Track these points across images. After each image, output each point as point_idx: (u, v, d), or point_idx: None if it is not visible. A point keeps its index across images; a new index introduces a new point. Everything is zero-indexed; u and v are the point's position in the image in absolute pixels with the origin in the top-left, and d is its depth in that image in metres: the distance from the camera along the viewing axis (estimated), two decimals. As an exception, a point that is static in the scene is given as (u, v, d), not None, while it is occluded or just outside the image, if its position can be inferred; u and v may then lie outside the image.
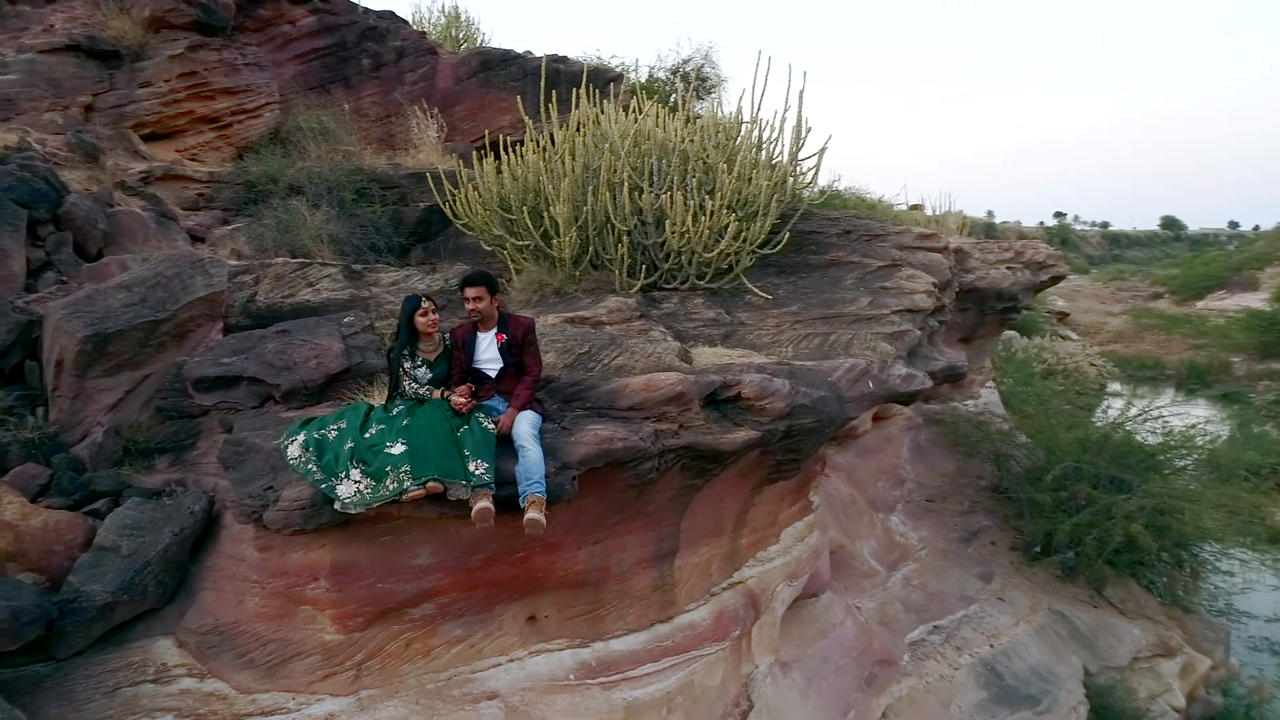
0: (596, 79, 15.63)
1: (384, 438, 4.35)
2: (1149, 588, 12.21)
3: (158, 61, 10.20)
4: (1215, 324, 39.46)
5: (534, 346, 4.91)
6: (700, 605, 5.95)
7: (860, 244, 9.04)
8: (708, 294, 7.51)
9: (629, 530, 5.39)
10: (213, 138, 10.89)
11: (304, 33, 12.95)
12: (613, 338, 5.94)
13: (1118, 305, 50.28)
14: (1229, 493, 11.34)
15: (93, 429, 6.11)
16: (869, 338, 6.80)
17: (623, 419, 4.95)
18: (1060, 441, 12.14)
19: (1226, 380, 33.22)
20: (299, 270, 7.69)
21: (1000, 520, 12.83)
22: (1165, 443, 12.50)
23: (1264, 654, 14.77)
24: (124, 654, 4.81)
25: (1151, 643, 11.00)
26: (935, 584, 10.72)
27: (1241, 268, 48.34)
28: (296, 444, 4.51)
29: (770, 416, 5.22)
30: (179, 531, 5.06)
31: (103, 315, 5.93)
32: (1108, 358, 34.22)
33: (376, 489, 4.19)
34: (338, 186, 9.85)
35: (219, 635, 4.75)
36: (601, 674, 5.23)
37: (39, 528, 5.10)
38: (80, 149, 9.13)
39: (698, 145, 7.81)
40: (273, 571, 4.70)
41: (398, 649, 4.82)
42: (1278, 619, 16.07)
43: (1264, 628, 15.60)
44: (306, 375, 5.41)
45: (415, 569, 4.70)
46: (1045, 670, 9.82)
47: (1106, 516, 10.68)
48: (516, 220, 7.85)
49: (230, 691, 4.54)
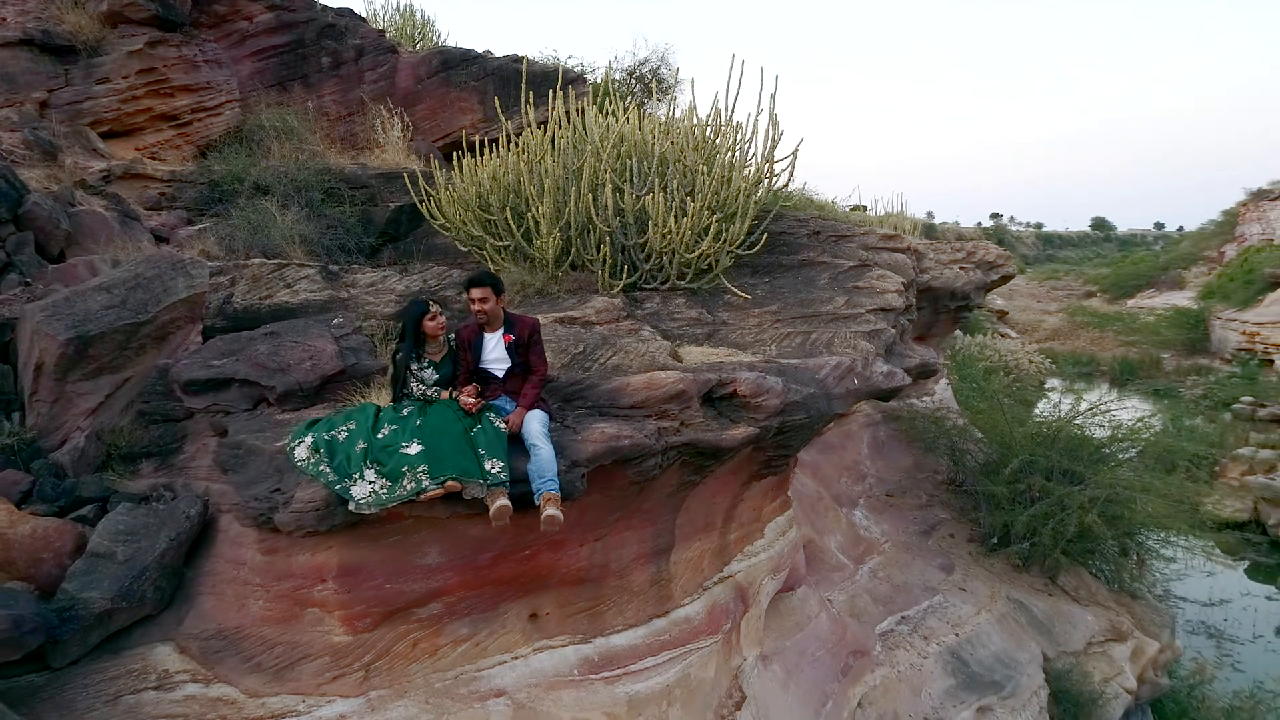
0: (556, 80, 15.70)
1: (398, 438, 4.37)
2: (1098, 575, 12.70)
3: (115, 57, 9.95)
4: (1145, 322, 41.08)
5: (540, 346, 4.97)
6: (694, 600, 6.06)
7: (829, 244, 9.24)
8: (688, 294, 7.62)
9: (628, 527, 5.47)
10: (172, 136, 10.65)
11: (261, 29, 12.72)
12: (605, 337, 6.02)
13: (1053, 304, 51.92)
14: (1174, 482, 11.86)
15: (72, 434, 5.97)
16: (848, 336, 6.98)
17: (625, 417, 5.04)
18: (1015, 436, 12.55)
19: (1157, 375, 34.58)
20: (276, 271, 7.60)
21: (957, 513, 13.21)
22: (1113, 436, 13.01)
23: (1200, 637, 15.48)
24: (122, 661, 4.73)
25: (1104, 628, 11.45)
26: (900, 576, 11.00)
27: (1169, 267, 50.43)
28: (304, 445, 4.50)
29: (766, 413, 5.35)
30: (175, 536, 4.98)
31: (83, 318, 5.80)
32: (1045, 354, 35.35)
33: (393, 489, 4.20)
34: (306, 186, 9.72)
35: (223, 640, 4.70)
36: (604, 669, 5.31)
37: (27, 535, 4.98)
38: (38, 146, 8.89)
39: (677, 147, 7.91)
40: (278, 574, 4.67)
41: (405, 649, 4.83)
42: (1212, 603, 16.87)
43: (1199, 611, 16.35)
44: (301, 377, 5.37)
45: (424, 569, 4.71)
46: (1007, 657, 10.16)
47: (1061, 507, 11.09)
48: (497, 221, 7.86)
49: (239, 696, 4.50)
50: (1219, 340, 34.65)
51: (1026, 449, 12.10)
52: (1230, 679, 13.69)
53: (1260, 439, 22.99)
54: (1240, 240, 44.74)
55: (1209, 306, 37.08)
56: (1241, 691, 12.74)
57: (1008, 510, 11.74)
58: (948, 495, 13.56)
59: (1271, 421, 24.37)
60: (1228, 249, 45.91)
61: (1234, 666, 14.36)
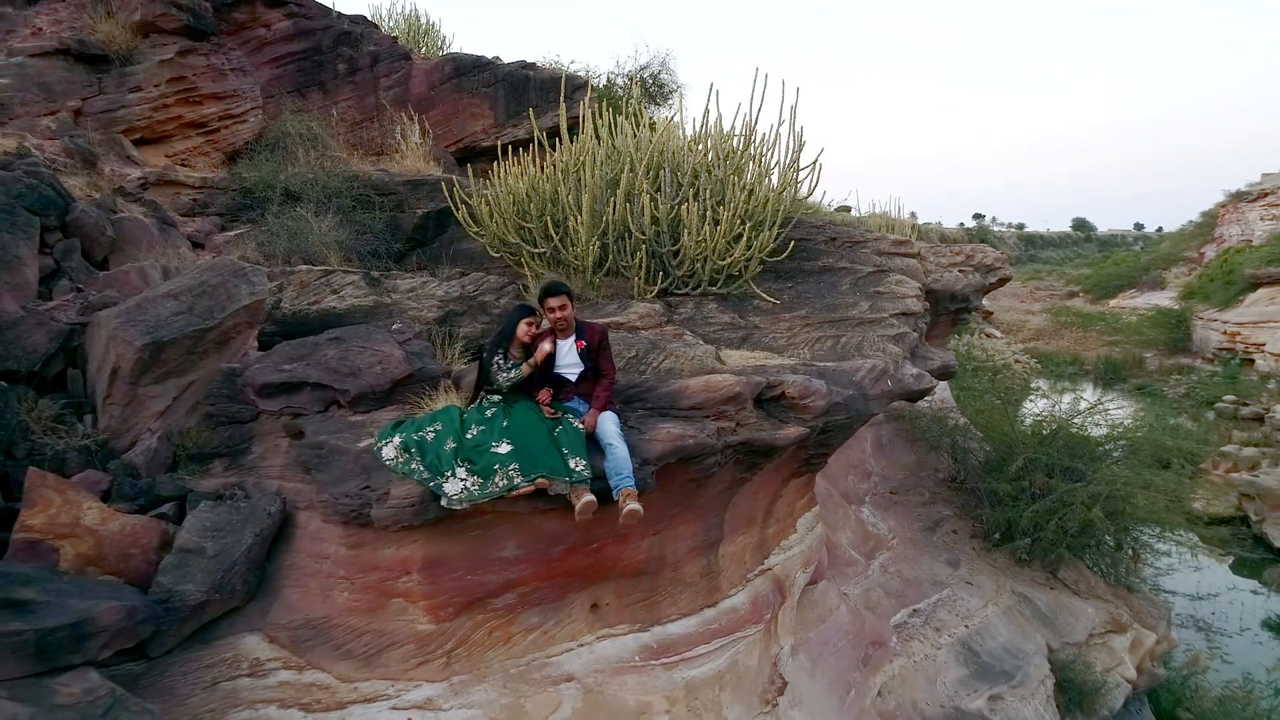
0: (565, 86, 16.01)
1: (487, 438, 4.67)
2: (1096, 570, 13.14)
3: (147, 66, 10.16)
4: (1128, 321, 41.83)
5: (609, 351, 5.28)
6: (739, 591, 6.39)
7: (845, 250, 9.59)
8: (719, 299, 7.95)
9: (683, 521, 5.79)
10: (200, 143, 10.88)
11: (279, 36, 12.97)
12: (654, 342, 6.33)
13: (1036, 304, 52.67)
14: (1171, 478, 12.31)
15: (143, 435, 6.21)
16: (876, 340, 7.33)
17: (685, 418, 5.36)
18: (1017, 435, 12.97)
19: (1140, 375, 35.24)
20: (323, 278, 7.86)
21: (959, 510, 13.60)
22: (1110, 434, 13.46)
23: (1189, 630, 15.99)
24: (214, 651, 5.00)
25: (1104, 620, 11.87)
26: (909, 571, 11.37)
27: (1149, 268, 51.32)
28: (391, 445, 4.79)
29: (813, 414, 5.68)
30: (259, 532, 5.25)
31: (155, 324, 6.05)
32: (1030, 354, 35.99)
33: (484, 485, 4.50)
34: (336, 193, 9.97)
35: (312, 629, 4.97)
36: (662, 655, 5.63)
37: (116, 532, 5.23)
38: (78, 154, 9.09)
39: (708, 159, 8.24)
40: (363, 567, 4.95)
41: (482, 637, 5.12)
42: (1200, 597, 17.40)
43: (1188, 605, 16.86)
44: (373, 380, 5.65)
45: (502, 561, 5.01)
46: (1014, 648, 10.55)
47: (1064, 504, 11.50)
48: (534, 228, 8.15)
49: (332, 681, 4.78)
50: (1200, 340, 35.41)
51: (1029, 447, 12.50)
52: (1220, 670, 14.19)
53: (1243, 437, 23.64)
54: (1219, 241, 45.65)
55: (1190, 306, 37.87)
56: (1232, 682, 13.23)
57: (1011, 507, 12.13)
58: (949, 493, 13.94)
59: (1253, 419, 25.02)
60: (1207, 250, 46.82)
61: (1223, 658, 14.87)
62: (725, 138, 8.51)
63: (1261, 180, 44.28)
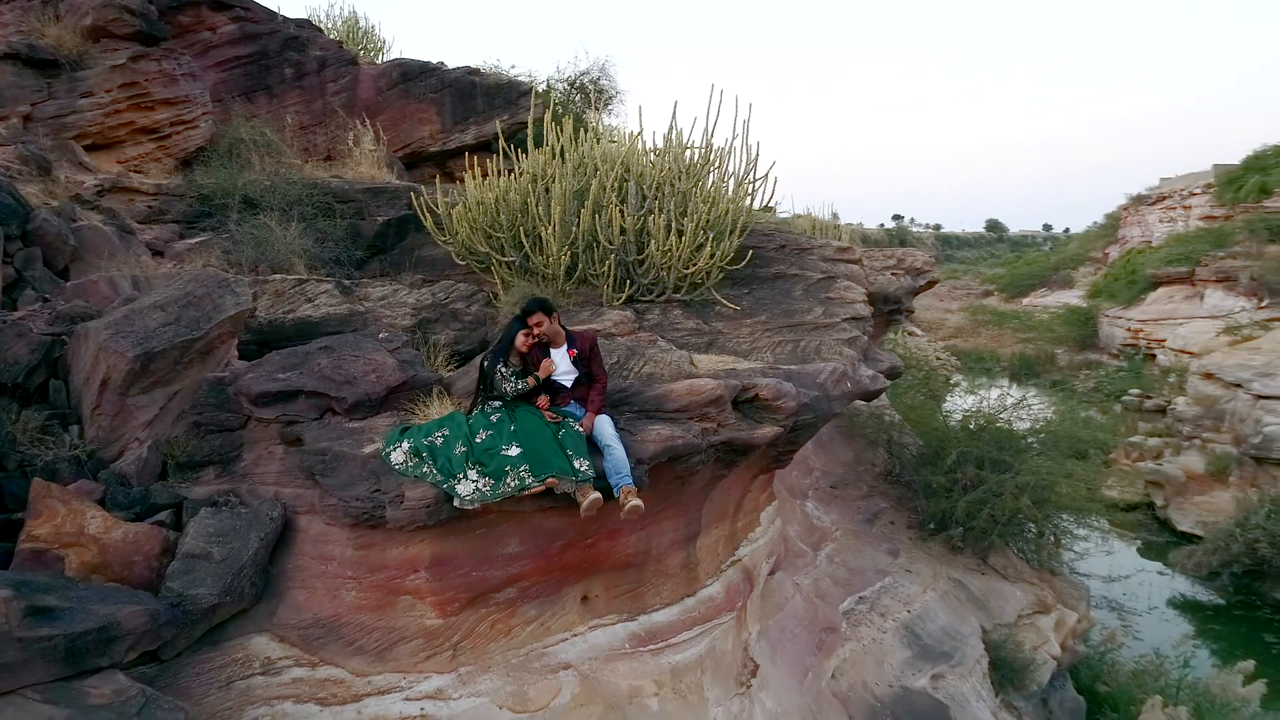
0: (510, 92, 16.24)
1: (497, 442, 4.97)
2: (1022, 555, 14.00)
3: (99, 71, 10.06)
4: (1040, 319, 43.73)
5: (600, 357, 5.63)
6: (715, 581, 6.80)
7: (794, 257, 10.10)
8: (683, 305, 8.34)
9: (667, 517, 6.17)
10: (153, 149, 10.80)
11: (224, 40, 12.92)
12: (631, 348, 6.69)
13: (954, 303, 54.53)
14: (1090, 468, 13.22)
15: (130, 445, 6.30)
16: (833, 343, 7.83)
17: (671, 420, 5.74)
18: (949, 430, 13.74)
19: (1053, 370, 36.94)
20: (297, 287, 7.99)
21: (895, 502, 14.31)
22: (1034, 427, 14.35)
23: (1103, 610, 17.07)
24: (224, 652, 5.17)
25: (1031, 602, 12.70)
26: (854, 561, 11.97)
27: (1059, 267, 53.61)
28: (400, 450, 5.05)
29: (785, 414, 6.13)
30: (264, 537, 5.44)
31: (145, 335, 6.15)
32: (950, 352, 37.43)
33: (496, 486, 4.80)
34: (298, 201, 10.03)
35: (322, 628, 5.20)
36: (650, 642, 6.01)
37: (119, 540, 5.35)
38: (33, 161, 8.99)
39: (670, 172, 8.63)
40: (371, 567, 5.20)
41: (485, 629, 5.42)
42: (1112, 579, 18.55)
43: (1101, 587, 17.98)
44: (369, 388, 5.87)
45: (504, 557, 5.32)
46: (952, 630, 11.24)
47: (995, 494, 12.27)
48: (505, 238, 8.42)
49: (346, 675, 5.02)
50: (1107, 336, 37.26)
51: (960, 442, 13.26)
52: (1131, 647, 15.22)
53: (1148, 428, 25.15)
54: (1123, 242, 48.01)
55: (1097, 305, 39.78)
56: (1144, 656, 14.22)
57: (945, 498, 12.85)
58: (885, 486, 14.64)
59: (1157, 412, 26.58)
60: (1111, 250, 49.16)
61: (1134, 636, 15.94)
62: (685, 150, 8.91)
63: (1160, 184, 46.80)
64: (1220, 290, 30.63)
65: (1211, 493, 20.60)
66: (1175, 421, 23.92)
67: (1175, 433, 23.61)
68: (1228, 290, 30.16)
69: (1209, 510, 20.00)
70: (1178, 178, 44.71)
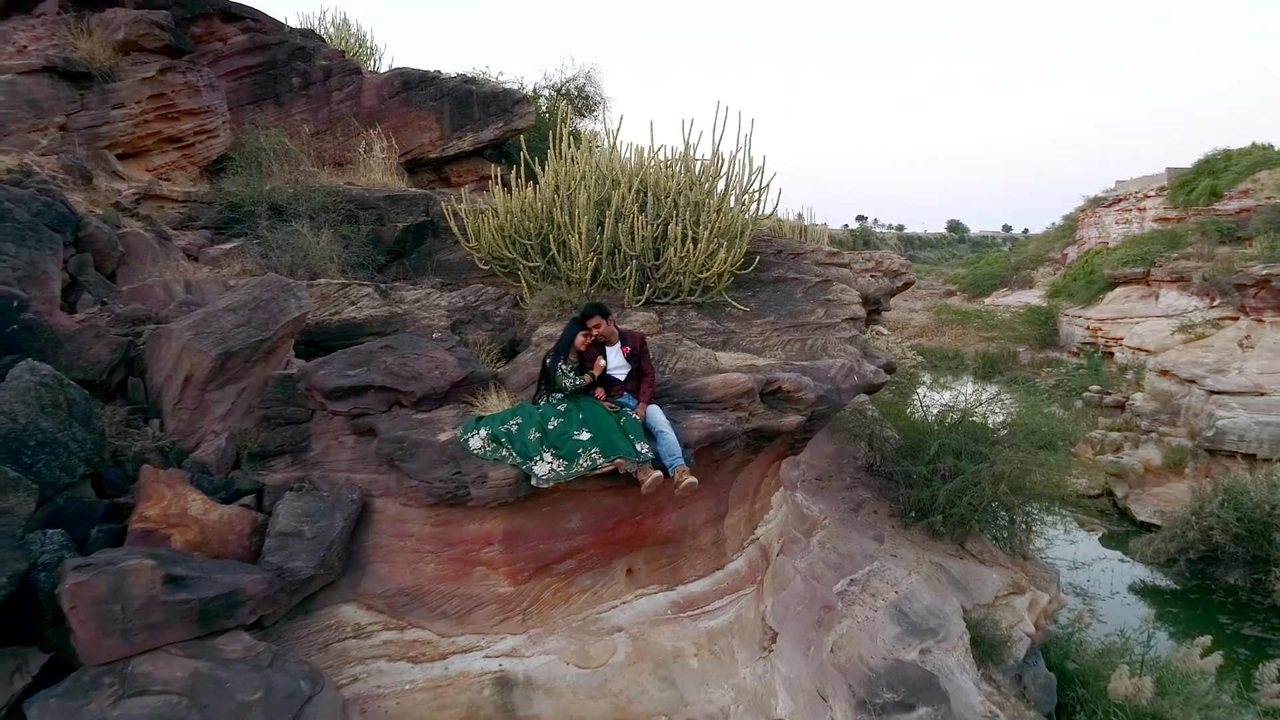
0: (504, 100, 16.85)
1: (568, 428, 5.63)
2: (996, 541, 14.90)
3: (130, 83, 10.51)
4: (1002, 318, 45.03)
5: (648, 354, 6.32)
6: (739, 556, 7.52)
7: (791, 261, 10.84)
8: (696, 307, 9.04)
9: (701, 497, 6.86)
10: (178, 157, 11.25)
11: (235, 50, 13.34)
12: (662, 346, 7.38)
13: (918, 302, 55.72)
14: (1060, 459, 14.15)
15: (207, 436, 6.84)
16: (837, 341, 8.58)
17: (709, 409, 6.44)
18: (927, 425, 14.60)
19: (1015, 368, 38.11)
20: (340, 290, 8.56)
21: (877, 493, 15.13)
22: (1006, 420, 15.27)
23: (1069, 595, 18.06)
24: (318, 619, 5.77)
25: (1006, 584, 13.59)
26: (843, 546, 12.75)
27: (1019, 268, 55.09)
28: (478, 437, 5.69)
29: (806, 405, 6.85)
30: (347, 517, 6.03)
31: (222, 336, 6.70)
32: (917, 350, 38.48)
33: (570, 466, 5.47)
34: (325, 208, 10.56)
35: (407, 596, 5.82)
36: (688, 610, 6.70)
37: (217, 521, 5.91)
38: (76, 171, 9.43)
39: (684, 183, 9.32)
40: (449, 541, 5.83)
41: (548, 597, 6.08)
42: (1076, 566, 19.60)
43: (1067, 574, 18.99)
44: (434, 383, 6.49)
45: (567, 531, 5.98)
46: (936, 609, 12.06)
47: (974, 483, 13.13)
48: (531, 245, 9.05)
49: (433, 636, 5.65)
50: (1066, 335, 38.54)
51: (938, 435, 14.12)
52: (1095, 629, 16.21)
53: (1108, 423, 26.33)
54: (1080, 243, 49.53)
55: (1057, 304, 41.09)
56: (1109, 636, 15.19)
57: (925, 487, 13.69)
58: (867, 478, 15.45)
59: (1115, 407, 27.81)
60: (1070, 251, 50.65)
61: (1098, 619, 16.94)
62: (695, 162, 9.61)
63: (1116, 187, 48.41)
64: (1174, 290, 31.88)
65: (1168, 484, 21.68)
66: (1133, 416, 25.11)
67: (1134, 427, 24.78)
68: (1181, 290, 31.39)
69: (1166, 500, 21.02)
70: (1133, 180, 46.20)
